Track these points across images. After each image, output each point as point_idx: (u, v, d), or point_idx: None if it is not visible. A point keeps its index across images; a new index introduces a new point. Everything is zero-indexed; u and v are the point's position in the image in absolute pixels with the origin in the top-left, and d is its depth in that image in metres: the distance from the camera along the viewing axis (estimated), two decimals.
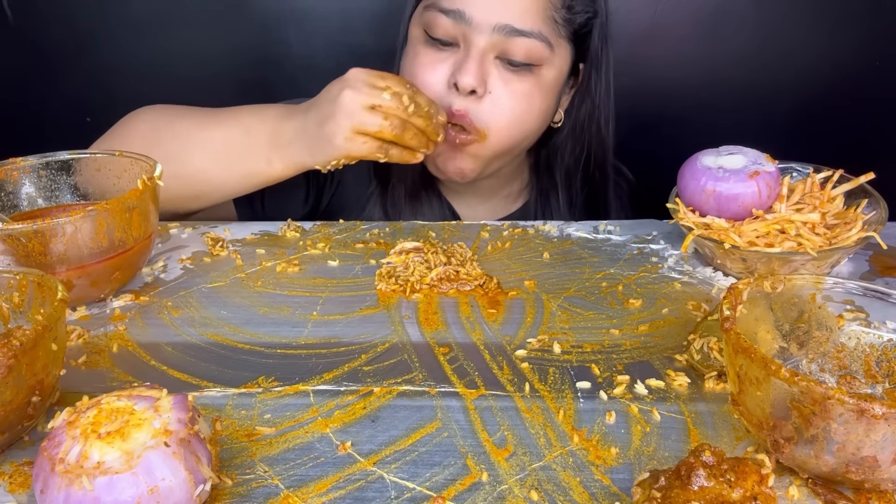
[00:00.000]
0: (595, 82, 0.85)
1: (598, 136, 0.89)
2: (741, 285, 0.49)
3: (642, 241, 0.75)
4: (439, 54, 0.78)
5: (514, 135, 0.80)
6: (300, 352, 0.57)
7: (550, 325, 0.61)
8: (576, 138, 0.88)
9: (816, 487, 0.43)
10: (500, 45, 0.76)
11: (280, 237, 0.77)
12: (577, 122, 0.88)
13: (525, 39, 0.76)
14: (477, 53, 0.76)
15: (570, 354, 0.57)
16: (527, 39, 0.76)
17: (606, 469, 0.45)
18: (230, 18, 1.20)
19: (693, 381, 0.53)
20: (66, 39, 1.21)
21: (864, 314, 0.50)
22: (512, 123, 0.79)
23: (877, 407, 0.37)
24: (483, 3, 0.75)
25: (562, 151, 0.89)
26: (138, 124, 0.80)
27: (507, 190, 0.94)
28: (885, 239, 0.63)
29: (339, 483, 0.44)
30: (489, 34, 0.75)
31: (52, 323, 0.46)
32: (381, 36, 1.18)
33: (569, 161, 0.90)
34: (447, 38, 0.77)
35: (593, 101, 0.86)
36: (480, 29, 0.75)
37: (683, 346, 0.56)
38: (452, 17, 0.76)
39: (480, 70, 0.76)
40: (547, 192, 0.92)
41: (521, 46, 0.76)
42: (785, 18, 1.17)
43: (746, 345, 0.42)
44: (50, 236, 0.57)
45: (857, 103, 1.20)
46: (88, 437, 0.38)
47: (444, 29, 0.77)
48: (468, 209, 0.93)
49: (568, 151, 0.89)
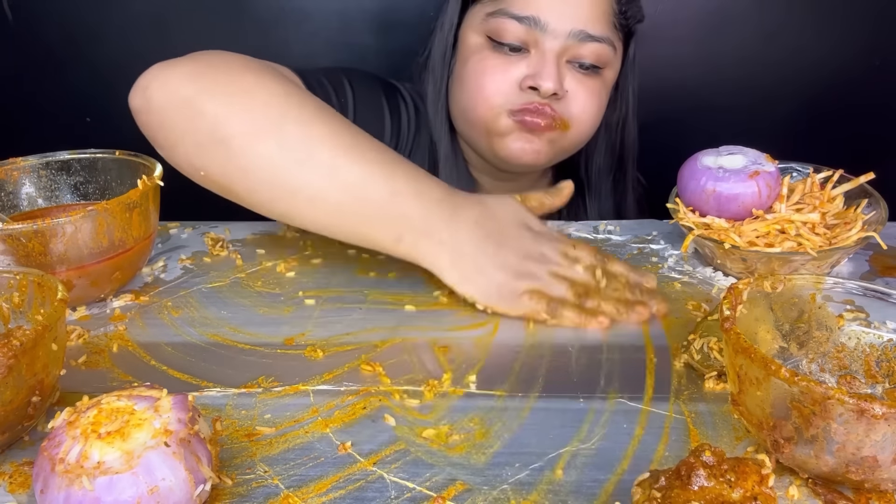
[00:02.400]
0: (631, 85, 0.88)
1: (628, 137, 0.92)
2: (741, 285, 0.49)
3: (642, 241, 0.75)
4: (508, 59, 0.79)
5: (589, 130, 0.83)
6: (300, 352, 0.57)
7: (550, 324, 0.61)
8: (609, 139, 0.91)
9: (816, 487, 0.43)
10: (573, 49, 0.78)
11: (280, 237, 0.77)
12: (610, 124, 0.90)
13: (596, 44, 0.78)
14: (553, 58, 0.77)
15: (570, 354, 0.57)
16: (597, 44, 0.78)
17: (606, 469, 0.45)
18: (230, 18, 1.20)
19: (693, 381, 0.53)
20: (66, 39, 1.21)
21: (864, 314, 0.50)
22: (591, 118, 0.82)
23: (877, 407, 0.37)
24: (558, 10, 0.76)
25: (595, 152, 0.92)
26: (270, 96, 0.63)
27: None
28: (885, 239, 0.63)
29: (339, 483, 0.44)
30: (563, 39, 0.77)
31: (52, 323, 0.46)
32: (382, 36, 1.18)
33: (599, 163, 0.92)
34: (517, 43, 0.78)
35: (627, 104, 0.89)
36: (556, 34, 0.77)
37: (683, 345, 0.56)
38: (526, 24, 0.77)
39: (559, 73, 0.78)
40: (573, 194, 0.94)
41: (592, 50, 0.78)
42: (785, 18, 1.17)
43: (746, 345, 0.42)
44: (50, 236, 0.57)
45: (858, 103, 1.20)
46: (88, 437, 0.38)
47: (515, 34, 0.78)
48: None
49: (602, 152, 0.92)
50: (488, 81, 0.79)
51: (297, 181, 0.60)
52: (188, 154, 0.62)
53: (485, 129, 0.82)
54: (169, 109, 0.61)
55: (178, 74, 0.62)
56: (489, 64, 0.80)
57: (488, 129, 0.81)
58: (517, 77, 0.79)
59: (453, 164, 0.90)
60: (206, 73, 0.62)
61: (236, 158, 0.60)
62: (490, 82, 0.79)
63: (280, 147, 0.60)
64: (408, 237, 0.61)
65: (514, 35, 0.78)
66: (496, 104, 0.79)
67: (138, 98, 0.63)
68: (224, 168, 0.61)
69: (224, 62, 0.64)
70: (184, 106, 0.60)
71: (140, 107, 0.63)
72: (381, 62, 1.19)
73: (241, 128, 0.60)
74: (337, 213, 0.61)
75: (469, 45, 0.82)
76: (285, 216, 0.63)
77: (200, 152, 0.61)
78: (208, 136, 0.60)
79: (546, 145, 0.81)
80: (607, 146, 0.91)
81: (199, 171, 0.62)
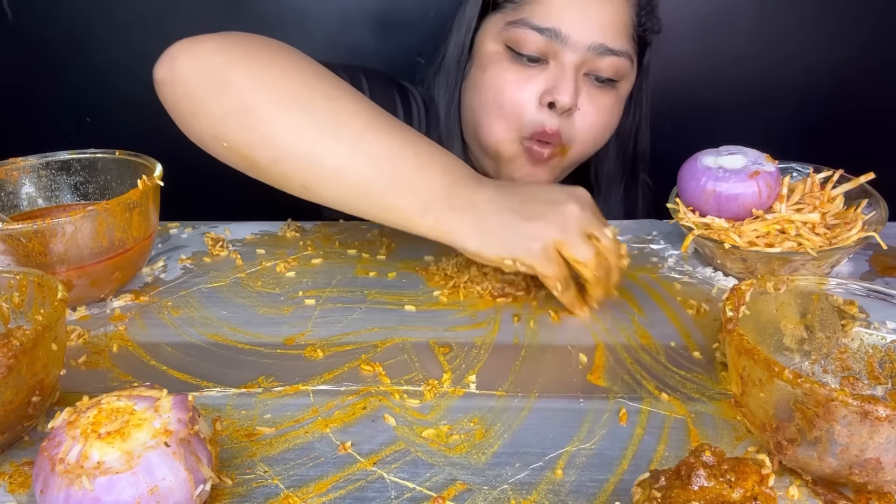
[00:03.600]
0: (645, 93, 0.88)
1: (641, 144, 0.92)
2: (744, 286, 0.49)
3: (642, 242, 0.75)
4: (528, 71, 0.77)
5: (592, 148, 0.83)
6: (300, 352, 0.57)
7: (550, 324, 0.60)
8: (621, 146, 0.91)
9: (817, 487, 0.43)
10: (591, 62, 0.77)
11: (280, 237, 0.77)
12: (623, 130, 0.89)
13: (615, 58, 0.77)
14: (572, 71, 0.76)
15: (569, 354, 0.56)
16: (615, 58, 0.77)
17: (606, 469, 0.45)
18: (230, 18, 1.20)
19: (693, 381, 0.53)
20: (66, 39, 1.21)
21: (865, 314, 0.50)
22: (596, 137, 0.81)
23: (880, 409, 0.37)
24: (578, 22, 0.75)
25: (607, 158, 0.91)
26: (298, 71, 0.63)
27: None
28: (885, 239, 0.63)
29: (339, 483, 0.44)
30: (583, 52, 0.76)
31: (52, 323, 0.46)
32: (382, 36, 1.18)
33: (610, 168, 0.92)
34: (537, 54, 0.77)
35: (641, 110, 0.89)
36: (576, 48, 0.75)
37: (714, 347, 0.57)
38: (546, 35, 0.75)
39: (576, 88, 0.77)
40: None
41: (610, 64, 0.77)
42: (785, 19, 1.17)
43: (749, 346, 0.42)
44: (50, 236, 0.57)
45: (858, 103, 1.20)
46: (88, 437, 0.38)
47: (535, 45, 0.76)
48: None
49: (613, 158, 0.91)
50: (507, 95, 0.78)
51: (324, 151, 0.60)
52: (212, 124, 0.62)
53: (495, 148, 0.81)
54: (196, 78, 0.61)
55: (208, 46, 0.63)
56: (508, 76, 0.78)
57: (497, 150, 0.81)
58: (536, 92, 0.77)
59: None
60: (237, 47, 0.63)
61: (262, 127, 0.60)
62: (509, 96, 0.77)
63: (308, 117, 0.60)
64: (434, 208, 0.61)
65: (534, 46, 0.76)
66: (513, 126, 0.78)
67: (164, 68, 0.63)
68: (249, 137, 0.61)
69: (255, 39, 0.65)
70: (212, 75, 0.61)
71: (165, 77, 0.63)
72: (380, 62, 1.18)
73: (269, 97, 0.60)
74: (363, 185, 0.61)
75: (487, 53, 0.81)
76: (308, 189, 0.62)
77: (226, 120, 0.61)
78: (235, 104, 0.60)
79: (548, 171, 0.81)
80: (619, 152, 0.91)
81: (221, 143, 0.62)
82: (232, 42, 0.63)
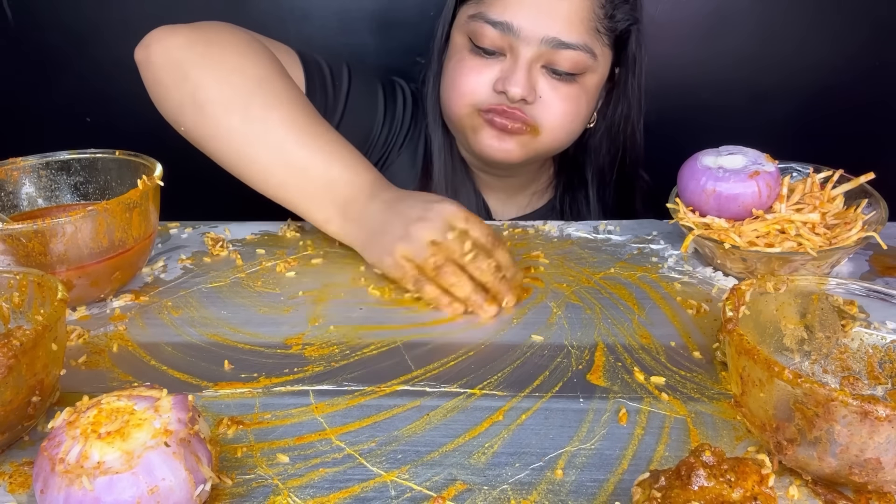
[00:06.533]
0: (631, 85, 0.88)
1: (632, 137, 0.92)
2: (744, 286, 0.49)
3: (642, 241, 0.75)
4: (485, 61, 0.80)
5: (563, 135, 0.84)
6: (300, 352, 0.57)
7: (550, 324, 0.60)
8: (611, 139, 0.92)
9: (817, 487, 0.43)
10: (547, 55, 0.78)
11: (280, 237, 0.77)
12: (612, 123, 0.90)
13: (571, 51, 0.78)
14: (524, 64, 0.78)
15: (569, 354, 0.56)
16: (572, 51, 0.78)
17: (606, 469, 0.45)
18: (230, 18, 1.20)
19: (693, 381, 0.53)
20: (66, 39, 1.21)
21: (865, 314, 0.50)
22: (564, 124, 0.82)
23: (880, 409, 0.37)
24: (531, 16, 0.77)
25: (596, 151, 0.92)
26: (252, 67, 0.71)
27: (534, 187, 0.98)
28: (885, 239, 0.63)
29: (340, 483, 0.44)
30: (537, 46, 0.77)
31: (52, 323, 0.46)
32: (381, 36, 1.18)
33: (602, 161, 0.93)
34: (493, 48, 0.79)
35: (629, 103, 0.89)
36: (528, 41, 0.77)
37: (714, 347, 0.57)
38: (500, 29, 0.78)
39: (529, 80, 0.78)
40: (575, 191, 0.95)
41: (567, 58, 0.78)
42: (785, 19, 1.17)
43: (749, 346, 0.42)
44: (50, 236, 0.57)
45: (857, 103, 1.20)
46: (88, 437, 0.38)
47: (490, 39, 0.79)
48: (499, 204, 0.97)
49: (603, 152, 0.92)
50: (463, 82, 0.81)
51: (251, 155, 0.68)
52: (172, 110, 0.71)
53: (460, 124, 0.84)
54: (162, 68, 0.70)
55: (176, 39, 0.70)
56: (466, 65, 0.81)
57: (462, 124, 0.84)
58: (490, 79, 0.80)
59: (448, 157, 0.91)
60: (199, 43, 0.70)
61: (207, 124, 0.69)
62: (464, 83, 0.81)
63: (243, 122, 0.68)
64: (335, 219, 0.69)
65: (490, 40, 0.79)
66: (468, 102, 0.81)
67: (141, 53, 0.72)
68: (197, 130, 0.70)
69: (220, 36, 0.72)
70: (174, 68, 0.69)
71: (141, 61, 0.72)
72: (380, 62, 1.18)
73: (215, 97, 0.68)
74: (282, 188, 0.69)
75: (455, 44, 0.84)
76: (245, 182, 0.71)
77: (182, 111, 0.70)
78: (188, 98, 0.69)
79: (517, 146, 0.82)
80: (609, 144, 0.92)
81: (179, 127, 0.71)
82: (199, 37, 0.71)
